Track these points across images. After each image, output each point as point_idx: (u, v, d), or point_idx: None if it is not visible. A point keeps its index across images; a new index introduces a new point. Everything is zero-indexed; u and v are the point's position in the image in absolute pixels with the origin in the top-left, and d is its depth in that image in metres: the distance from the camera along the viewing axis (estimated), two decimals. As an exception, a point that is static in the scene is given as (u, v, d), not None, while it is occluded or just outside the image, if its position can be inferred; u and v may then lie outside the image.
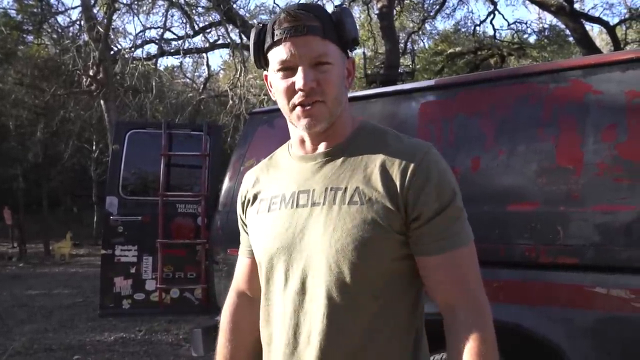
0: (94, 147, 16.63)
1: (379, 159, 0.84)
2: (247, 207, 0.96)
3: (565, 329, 1.81)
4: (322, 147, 0.88)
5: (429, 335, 0.94)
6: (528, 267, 1.90)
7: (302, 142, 0.90)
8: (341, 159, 0.86)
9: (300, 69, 0.82)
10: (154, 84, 9.92)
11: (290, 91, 0.83)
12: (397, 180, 0.81)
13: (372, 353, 0.83)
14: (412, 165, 0.81)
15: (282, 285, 0.87)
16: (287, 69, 0.83)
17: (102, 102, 8.67)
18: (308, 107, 0.83)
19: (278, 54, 0.83)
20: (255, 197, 0.95)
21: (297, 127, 0.87)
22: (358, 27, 0.96)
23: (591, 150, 1.81)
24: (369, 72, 11.22)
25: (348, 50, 0.89)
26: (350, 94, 2.38)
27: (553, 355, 1.81)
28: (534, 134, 1.93)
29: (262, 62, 0.89)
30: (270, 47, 0.85)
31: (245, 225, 0.98)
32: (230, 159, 2.69)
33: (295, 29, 0.81)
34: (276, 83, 0.86)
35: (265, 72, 0.91)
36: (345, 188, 0.83)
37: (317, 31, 0.82)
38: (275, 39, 0.83)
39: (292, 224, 0.85)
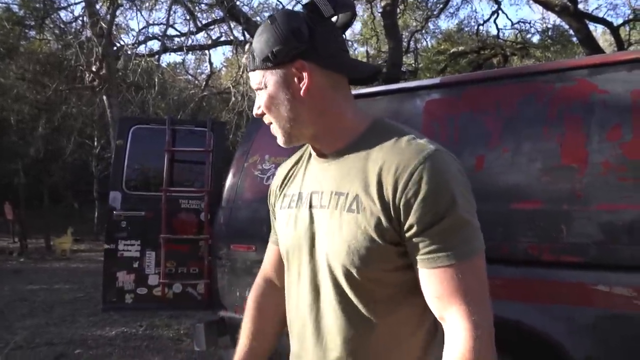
0: (95, 143, 16.64)
1: (378, 164, 0.80)
2: (276, 201, 0.99)
3: (567, 326, 1.82)
4: (329, 148, 0.88)
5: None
6: (531, 265, 1.91)
7: (312, 146, 0.93)
8: (349, 161, 0.84)
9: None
10: (156, 80, 9.91)
11: None
12: (391, 189, 0.77)
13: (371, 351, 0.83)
14: (406, 174, 0.76)
15: (296, 279, 0.91)
16: None
17: (104, 98, 8.66)
18: (271, 128, 0.90)
19: None
20: (282, 191, 0.98)
21: None
22: (361, 25, 0.97)
23: (596, 149, 1.82)
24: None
25: (292, 53, 0.82)
26: (356, 92, 2.38)
27: (554, 352, 1.82)
28: (539, 132, 1.93)
29: None
30: None
31: (275, 215, 1.01)
32: (234, 155, 2.70)
33: (249, 66, 0.88)
34: None
35: None
36: (347, 194, 0.82)
37: (255, 63, 0.86)
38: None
39: (304, 225, 0.88)
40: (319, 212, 0.86)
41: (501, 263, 1.94)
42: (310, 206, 0.87)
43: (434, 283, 0.77)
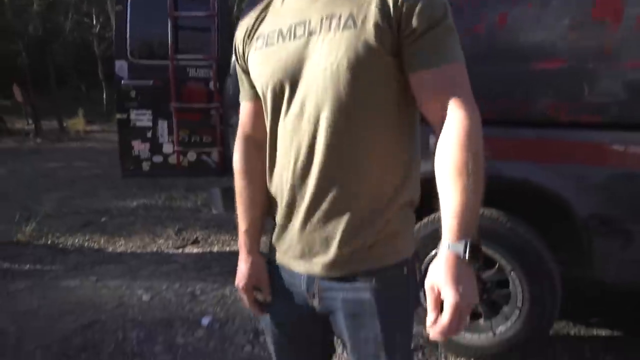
0: (94, 22, 15.93)
1: None
2: (246, 48, 1.00)
3: (576, 185, 1.86)
4: None
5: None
6: (546, 125, 1.89)
7: None
8: None
9: None
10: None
11: None
12: (391, 1, 0.84)
13: (362, 167, 0.89)
14: None
15: (284, 112, 0.93)
16: None
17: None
18: None
19: None
20: (252, 37, 0.99)
21: None
22: None
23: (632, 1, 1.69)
24: None
25: None
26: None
27: (561, 210, 1.89)
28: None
29: None
30: None
31: (246, 66, 1.01)
32: (239, 21, 2.56)
33: None
34: None
35: None
36: (340, 15, 0.87)
37: None
38: None
39: (291, 54, 0.90)
40: (307, 39, 0.89)
41: (516, 125, 1.92)
42: (295, 37, 0.91)
43: (435, 80, 0.84)
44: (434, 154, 0.84)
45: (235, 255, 1.13)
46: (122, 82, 2.92)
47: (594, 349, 2.20)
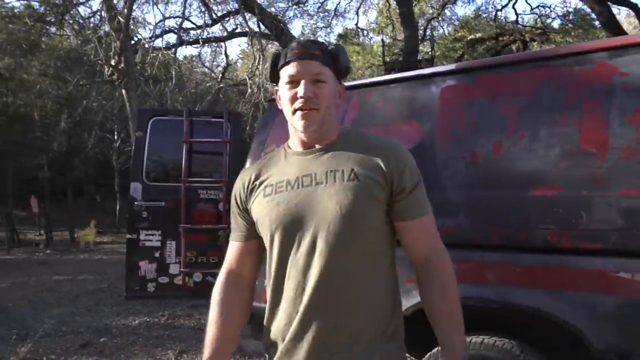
0: (115, 137, 16.92)
1: (364, 149, 1.10)
2: (250, 195, 1.14)
3: (587, 314, 1.80)
4: (317, 145, 1.12)
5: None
6: (550, 252, 1.89)
7: (302, 141, 1.13)
8: (334, 152, 1.10)
9: (302, 82, 1.08)
10: (173, 73, 9.99)
11: (294, 99, 1.09)
12: (383, 164, 1.07)
13: (364, 291, 1.04)
14: (392, 154, 1.09)
15: (295, 250, 1.05)
16: (293, 82, 1.09)
17: (123, 91, 8.78)
18: (306, 112, 1.08)
19: (288, 71, 1.10)
20: (259, 185, 1.13)
21: (296, 128, 1.11)
22: (376, 13, 1.12)
23: (617, 133, 1.79)
24: (387, 59, 11.10)
25: (341, 78, 1.16)
26: (370, 80, 2.38)
27: (573, 339, 1.81)
28: (557, 117, 1.90)
29: (275, 78, 1.15)
30: (282, 66, 1.12)
31: (247, 212, 1.15)
32: (251, 145, 2.72)
33: (302, 55, 1.09)
34: (284, 93, 1.12)
35: (276, 87, 1.17)
36: (343, 170, 1.07)
37: (318, 58, 1.10)
38: (287, 59, 1.10)
39: (301, 200, 1.06)
40: (315, 187, 1.07)
41: (518, 250, 1.92)
42: (303, 186, 1.07)
43: (420, 229, 1.11)
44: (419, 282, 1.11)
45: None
46: (135, 203, 3.03)
47: None
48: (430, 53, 12.51)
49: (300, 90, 1.07)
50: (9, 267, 8.79)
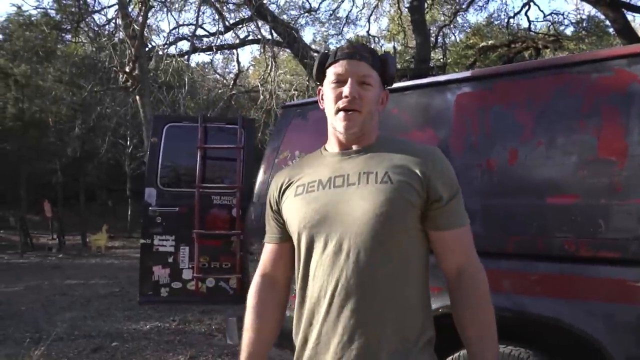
0: (128, 143, 17.08)
1: (402, 154, 1.07)
2: (282, 195, 1.13)
3: (606, 325, 1.77)
4: (355, 146, 1.11)
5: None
6: (568, 260, 1.87)
7: (339, 142, 1.12)
8: (370, 154, 1.09)
9: (349, 81, 1.08)
10: (186, 80, 10.09)
11: (338, 98, 1.08)
12: (419, 170, 1.04)
13: (392, 295, 1.01)
14: (430, 160, 1.06)
15: (321, 249, 1.04)
16: (340, 81, 1.09)
17: (137, 98, 8.87)
18: (349, 113, 1.07)
19: (335, 69, 1.10)
20: (290, 185, 1.13)
21: (336, 128, 1.10)
22: (388, 20, 1.13)
23: (636, 141, 1.76)
24: (399, 66, 11.10)
25: (386, 85, 1.15)
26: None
27: (593, 350, 1.78)
28: (575, 125, 1.89)
29: (320, 77, 1.15)
30: (330, 64, 1.12)
31: (278, 213, 1.14)
32: (264, 152, 2.73)
33: (352, 54, 1.09)
34: (328, 92, 1.11)
35: (320, 87, 1.17)
36: (377, 172, 1.05)
37: (367, 60, 1.09)
38: (336, 58, 1.11)
39: (331, 200, 1.05)
40: (346, 188, 1.05)
41: (535, 259, 1.90)
42: (334, 186, 1.06)
43: (454, 241, 1.07)
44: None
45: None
46: (150, 208, 3.04)
47: None
48: (442, 60, 12.48)
49: (346, 89, 1.06)
50: (22, 270, 8.89)
